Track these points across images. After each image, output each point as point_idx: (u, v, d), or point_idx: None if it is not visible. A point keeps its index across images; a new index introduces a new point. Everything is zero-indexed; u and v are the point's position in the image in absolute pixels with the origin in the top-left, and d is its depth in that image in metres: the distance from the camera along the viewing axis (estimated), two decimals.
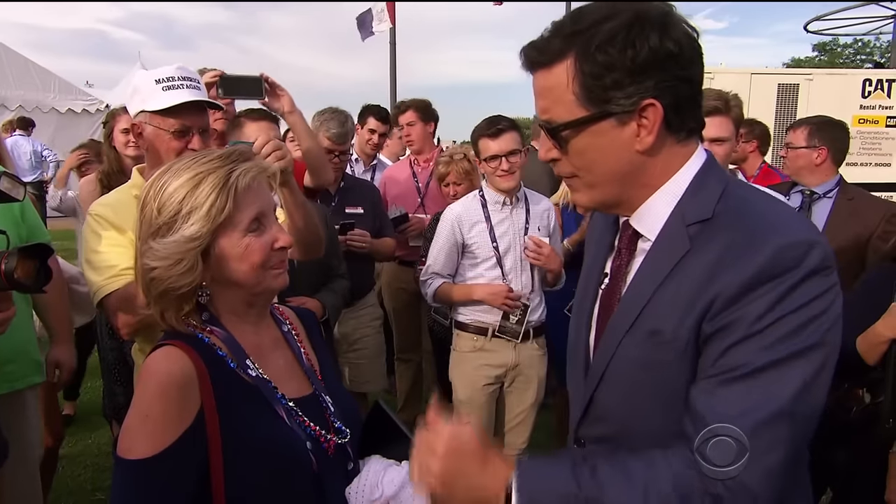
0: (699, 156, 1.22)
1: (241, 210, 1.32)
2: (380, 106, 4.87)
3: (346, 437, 1.45)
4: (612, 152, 1.17)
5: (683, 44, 1.12)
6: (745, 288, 1.05)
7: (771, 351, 1.03)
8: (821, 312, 1.05)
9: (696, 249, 1.13)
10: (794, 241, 1.06)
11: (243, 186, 1.32)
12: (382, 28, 16.30)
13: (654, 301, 1.17)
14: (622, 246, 1.30)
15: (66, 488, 3.93)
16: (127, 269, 2.00)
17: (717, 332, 1.08)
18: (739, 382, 1.04)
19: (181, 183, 1.30)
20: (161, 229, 1.30)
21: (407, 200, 4.55)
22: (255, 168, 1.36)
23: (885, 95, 10.26)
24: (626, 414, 1.23)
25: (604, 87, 1.12)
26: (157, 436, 1.22)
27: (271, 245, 1.37)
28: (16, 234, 2.51)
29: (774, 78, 10.51)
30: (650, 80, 1.11)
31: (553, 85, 1.17)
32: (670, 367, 1.14)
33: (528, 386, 3.17)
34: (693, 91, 1.17)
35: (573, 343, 1.39)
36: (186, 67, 2.17)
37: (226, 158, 1.34)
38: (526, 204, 3.20)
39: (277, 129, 2.88)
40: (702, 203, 1.17)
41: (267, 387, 1.37)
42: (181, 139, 2.11)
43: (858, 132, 10.32)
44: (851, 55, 41.12)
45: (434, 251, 3.22)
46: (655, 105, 1.12)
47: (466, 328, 3.17)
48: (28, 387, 2.64)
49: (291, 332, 1.55)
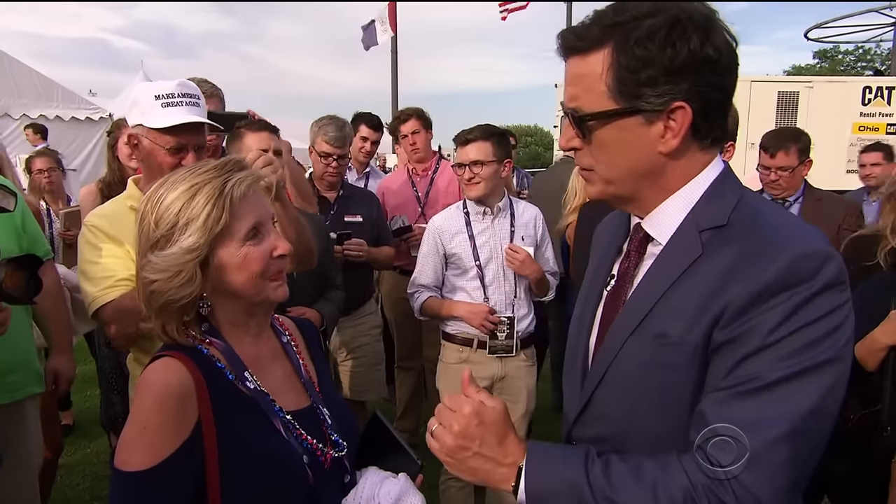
0: (717, 164, 1.21)
1: (238, 219, 1.32)
2: (371, 113, 4.87)
3: (342, 451, 1.44)
4: (635, 150, 1.16)
5: (723, 51, 1.11)
6: (759, 297, 1.04)
7: (786, 364, 1.02)
8: (836, 327, 1.04)
9: (709, 255, 1.13)
10: (810, 251, 1.05)
11: (239, 196, 1.32)
12: (385, 39, 16.38)
13: (661, 304, 1.16)
14: (632, 248, 1.30)
15: (64, 497, 3.93)
16: (123, 279, 2.02)
17: (729, 341, 1.07)
18: (754, 396, 1.03)
19: (177, 195, 1.31)
20: (159, 242, 1.30)
21: (407, 210, 4.55)
22: (250, 177, 1.37)
23: (886, 103, 10.28)
24: (625, 415, 1.22)
25: (637, 82, 1.10)
26: (155, 448, 1.22)
27: (270, 253, 1.36)
28: (16, 245, 2.53)
29: (774, 85, 10.54)
30: (685, 82, 1.09)
31: (586, 73, 1.15)
32: (677, 370, 1.13)
33: (517, 398, 3.15)
34: (724, 100, 1.15)
35: (573, 344, 1.39)
36: (187, 83, 2.18)
37: (220, 169, 1.35)
38: (511, 214, 3.20)
39: (278, 140, 2.89)
40: (717, 210, 1.16)
41: (265, 399, 1.37)
42: (176, 156, 2.12)
43: (859, 139, 10.34)
44: (852, 62, 41.17)
45: (420, 263, 3.25)
46: (685, 108, 1.11)
47: (453, 339, 3.18)
48: (28, 397, 2.65)
49: (291, 343, 1.55)
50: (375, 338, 3.93)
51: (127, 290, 2.00)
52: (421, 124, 4.68)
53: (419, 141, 4.67)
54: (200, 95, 2.22)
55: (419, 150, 4.68)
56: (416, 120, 4.67)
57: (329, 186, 3.85)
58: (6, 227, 2.44)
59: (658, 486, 1.06)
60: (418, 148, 4.68)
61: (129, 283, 2.03)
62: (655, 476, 1.07)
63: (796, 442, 1.02)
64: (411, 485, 1.43)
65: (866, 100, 10.24)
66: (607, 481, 1.09)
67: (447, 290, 3.22)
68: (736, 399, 1.05)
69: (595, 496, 1.09)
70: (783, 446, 1.01)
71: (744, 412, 1.03)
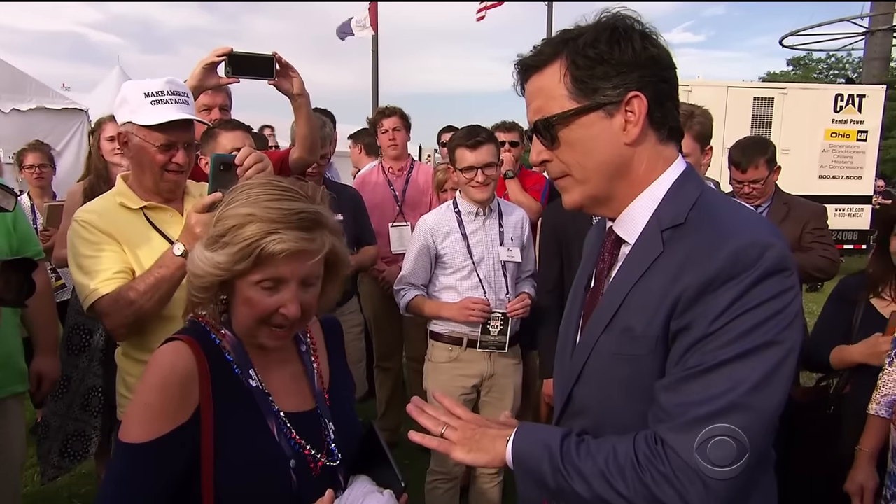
0: (679, 164, 1.29)
1: (261, 269, 1.32)
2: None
3: (335, 461, 1.45)
4: (602, 143, 1.24)
5: (661, 50, 1.25)
6: (705, 288, 1.11)
7: (729, 348, 1.09)
8: (777, 311, 1.10)
9: (668, 252, 1.21)
10: (751, 241, 1.11)
11: (270, 252, 1.30)
12: (364, 34, 16.33)
13: (627, 300, 1.23)
14: (605, 251, 1.38)
15: (43, 494, 3.90)
16: (118, 272, 2.04)
17: (680, 330, 1.15)
18: (699, 378, 1.11)
19: (239, 213, 1.32)
20: (210, 239, 1.36)
21: (385, 209, 4.58)
22: (295, 242, 1.31)
23: (856, 110, 10.52)
24: (600, 409, 1.30)
25: (592, 77, 1.21)
26: (152, 424, 1.27)
27: (276, 308, 1.35)
28: (7, 244, 2.52)
29: (750, 91, 10.73)
30: (634, 73, 1.21)
31: (545, 84, 1.27)
32: (641, 362, 1.20)
33: (504, 395, 3.20)
34: (671, 90, 1.27)
35: (561, 345, 1.46)
36: (175, 80, 2.19)
37: (287, 213, 1.31)
38: (500, 214, 3.24)
39: (251, 139, 2.88)
40: (677, 209, 1.23)
41: (263, 397, 1.39)
42: (166, 153, 2.14)
43: (830, 146, 10.58)
44: (825, 70, 41.94)
45: (408, 261, 3.26)
46: (640, 97, 1.21)
47: (441, 338, 3.19)
48: (10, 395, 2.63)
49: (310, 349, 1.56)
50: (356, 336, 3.95)
51: (123, 282, 2.02)
52: (402, 123, 4.77)
53: (399, 138, 4.75)
54: (189, 93, 2.23)
55: (398, 147, 4.75)
56: (399, 118, 4.75)
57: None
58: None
59: (610, 456, 1.16)
60: (397, 144, 4.74)
61: (125, 275, 2.05)
62: (611, 449, 1.18)
63: (742, 416, 1.08)
64: (395, 502, 1.43)
65: (838, 107, 10.48)
66: (577, 451, 1.20)
67: (436, 289, 3.23)
68: (683, 383, 1.12)
69: (563, 460, 1.20)
70: (728, 418, 1.07)
71: (690, 395, 1.11)
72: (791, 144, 9.64)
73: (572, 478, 1.18)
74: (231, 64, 2.45)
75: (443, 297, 3.19)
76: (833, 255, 3.56)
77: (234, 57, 2.43)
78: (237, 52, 2.44)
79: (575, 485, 1.17)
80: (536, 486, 1.25)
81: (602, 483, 1.15)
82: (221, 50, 2.45)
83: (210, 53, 2.46)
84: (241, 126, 2.79)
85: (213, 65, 2.47)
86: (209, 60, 2.45)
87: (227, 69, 2.46)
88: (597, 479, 1.15)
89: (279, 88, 2.61)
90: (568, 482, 1.18)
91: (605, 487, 1.14)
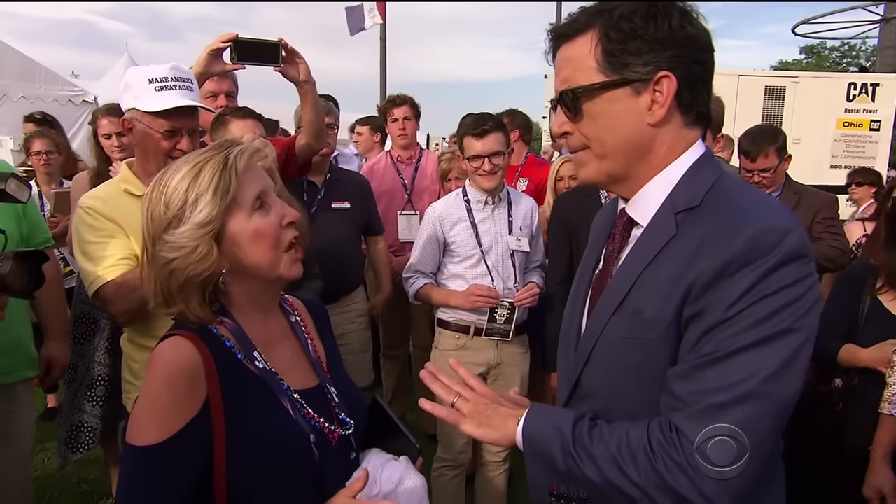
0: (698, 147, 1.26)
1: (243, 188, 1.34)
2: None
3: (349, 429, 1.47)
4: (625, 121, 1.21)
5: (700, 31, 1.20)
6: (722, 272, 1.08)
7: (746, 335, 1.06)
8: (796, 298, 1.07)
9: (682, 235, 1.18)
10: (769, 226, 1.09)
11: (243, 166, 1.35)
12: (373, 24, 16.22)
13: (639, 283, 1.21)
14: (616, 232, 1.35)
15: (52, 479, 3.94)
16: (123, 258, 2.05)
17: (694, 316, 1.12)
18: (715, 366, 1.08)
19: (182, 175, 1.33)
20: (172, 222, 1.32)
21: (394, 198, 4.58)
22: (250, 149, 1.39)
23: (870, 99, 10.38)
24: (609, 393, 1.28)
25: (624, 51, 1.17)
26: (164, 423, 1.25)
27: (280, 222, 1.38)
28: (17, 231, 2.52)
29: (762, 80, 10.60)
30: (668, 51, 1.17)
31: (576, 54, 1.23)
32: (652, 347, 1.18)
33: (511, 384, 3.19)
34: (705, 73, 1.23)
35: (566, 328, 1.44)
36: (180, 66, 2.18)
37: (219, 147, 1.38)
38: (509, 203, 3.23)
39: (262, 128, 2.87)
40: (692, 192, 1.21)
41: (273, 379, 1.39)
42: (170, 139, 2.14)
43: (843, 135, 10.45)
44: (838, 58, 41.48)
45: (417, 249, 3.25)
46: (670, 77, 1.17)
47: (449, 326, 3.20)
48: (20, 381, 2.65)
49: (299, 322, 1.57)
50: (362, 325, 3.94)
51: (128, 268, 2.02)
52: (413, 112, 4.76)
53: (409, 127, 4.75)
54: (193, 79, 2.23)
55: (407, 136, 4.75)
56: (410, 107, 4.74)
57: (316, 170, 3.83)
58: (7, 213, 2.43)
59: (623, 442, 1.14)
60: (406, 133, 4.74)
61: (129, 262, 2.05)
62: (624, 434, 1.15)
63: (758, 405, 1.06)
64: (412, 467, 1.46)
65: (851, 96, 10.33)
66: (589, 435, 1.18)
67: (445, 277, 3.23)
68: (698, 370, 1.10)
69: (575, 444, 1.18)
70: (744, 408, 1.05)
71: (706, 382, 1.08)
72: (803, 134, 9.54)
73: (583, 462, 1.16)
74: (236, 50, 2.44)
75: (451, 285, 3.18)
76: (843, 245, 3.52)
77: (239, 43, 2.42)
78: (243, 38, 2.42)
79: (586, 469, 1.16)
80: (546, 468, 1.23)
81: (614, 469, 1.13)
82: (227, 36, 2.44)
83: (215, 39, 2.46)
84: (253, 114, 2.79)
85: (218, 51, 2.46)
86: (214, 46, 2.44)
87: (232, 55, 2.45)
88: (608, 464, 1.14)
89: (285, 75, 2.60)
90: (579, 466, 1.16)
91: (616, 473, 1.13)
